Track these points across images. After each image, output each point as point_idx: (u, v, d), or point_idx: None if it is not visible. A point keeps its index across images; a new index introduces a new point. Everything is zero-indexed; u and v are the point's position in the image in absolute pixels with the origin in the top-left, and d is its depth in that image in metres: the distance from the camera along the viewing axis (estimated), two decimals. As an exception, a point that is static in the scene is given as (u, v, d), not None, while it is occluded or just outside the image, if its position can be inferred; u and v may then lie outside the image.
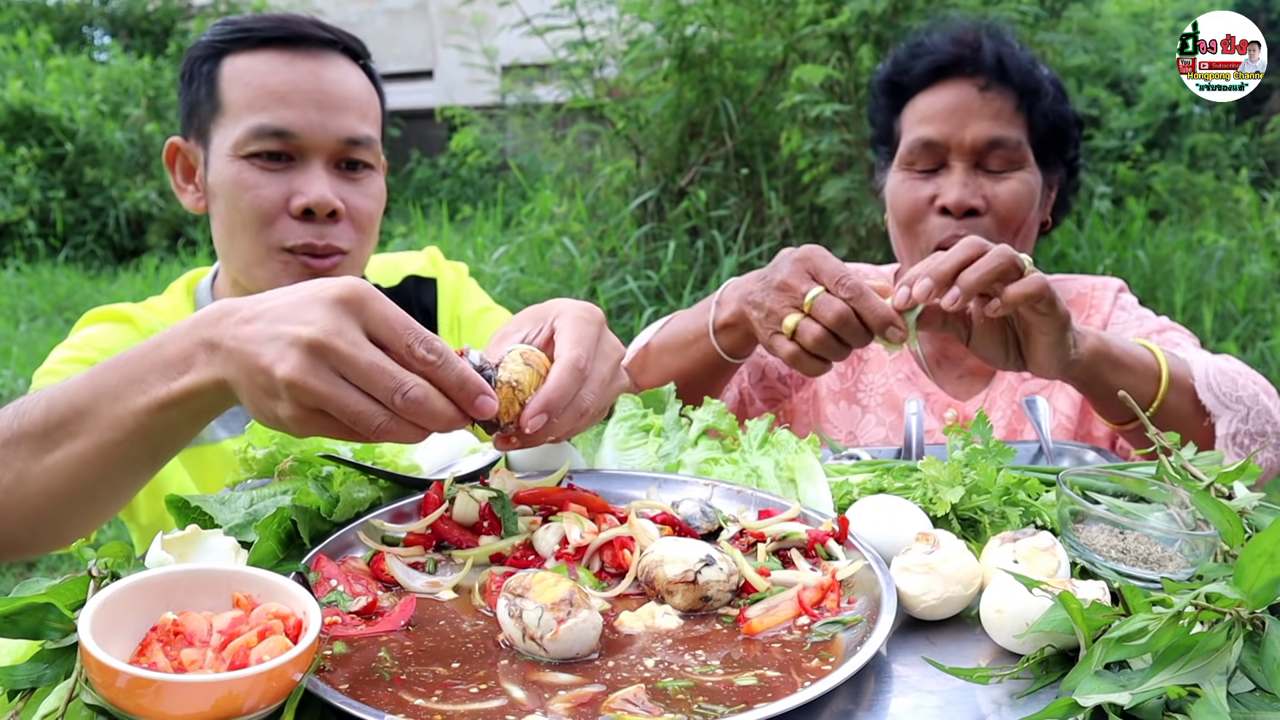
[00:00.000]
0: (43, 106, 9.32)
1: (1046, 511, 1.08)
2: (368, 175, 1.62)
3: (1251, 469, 1.07)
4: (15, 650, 0.85)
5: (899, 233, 1.82)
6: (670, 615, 0.91)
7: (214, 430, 1.60)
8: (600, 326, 1.10)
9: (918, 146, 1.76)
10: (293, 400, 0.89)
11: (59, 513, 1.08)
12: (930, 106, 1.76)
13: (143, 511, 1.57)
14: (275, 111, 1.53)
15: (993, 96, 1.73)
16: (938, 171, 1.76)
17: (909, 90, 1.80)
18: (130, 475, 1.07)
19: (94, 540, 1.12)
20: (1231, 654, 0.75)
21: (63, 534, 1.12)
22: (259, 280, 1.58)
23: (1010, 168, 1.74)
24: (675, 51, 5.38)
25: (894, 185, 1.81)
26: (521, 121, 7.42)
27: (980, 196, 1.72)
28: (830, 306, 1.30)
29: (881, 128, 1.89)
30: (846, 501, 1.12)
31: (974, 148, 1.72)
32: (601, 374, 1.07)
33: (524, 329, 1.11)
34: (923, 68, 1.77)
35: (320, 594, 0.91)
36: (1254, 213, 6.41)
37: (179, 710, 0.72)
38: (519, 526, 1.04)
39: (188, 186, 1.67)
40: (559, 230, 5.90)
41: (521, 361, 1.00)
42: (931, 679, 0.82)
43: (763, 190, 5.49)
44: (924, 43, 1.81)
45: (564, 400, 1.00)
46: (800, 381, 1.90)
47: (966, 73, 1.74)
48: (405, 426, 0.91)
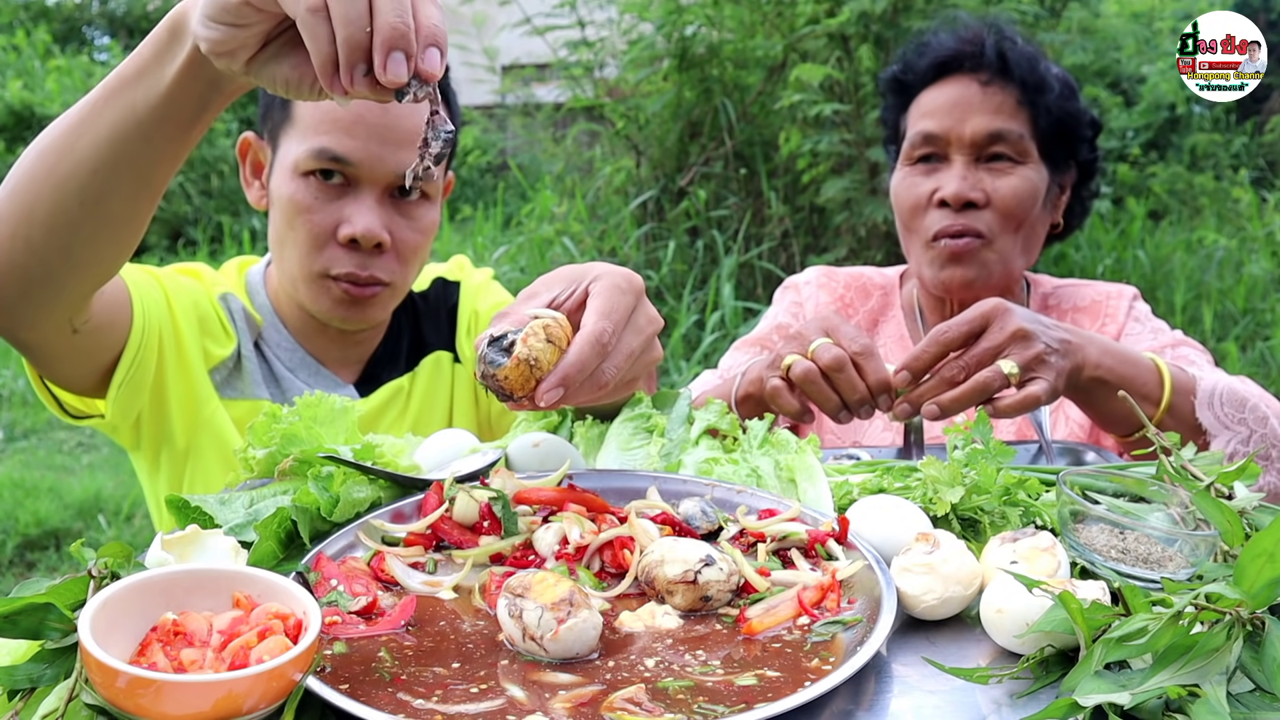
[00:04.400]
0: (43, 106, 9.31)
1: (1046, 511, 1.08)
2: (422, 206, 1.65)
3: (1252, 469, 1.07)
4: (15, 650, 0.85)
5: (902, 228, 1.84)
6: (670, 615, 0.91)
7: (256, 388, 1.68)
8: (637, 296, 1.07)
9: (919, 140, 1.77)
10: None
11: (105, 187, 1.15)
12: (933, 102, 1.78)
13: (179, 429, 1.62)
14: (338, 138, 1.56)
15: (994, 91, 1.74)
16: (938, 166, 1.77)
17: (914, 87, 1.82)
18: (110, 145, 1.12)
19: (94, 540, 1.12)
20: (1231, 654, 0.75)
21: (82, 232, 1.19)
22: (300, 294, 1.66)
23: (1012, 161, 1.74)
24: (675, 51, 5.39)
25: (897, 181, 1.83)
26: (521, 121, 7.42)
27: (980, 190, 1.72)
28: (829, 351, 1.32)
29: (890, 127, 1.91)
30: (846, 501, 1.12)
31: (974, 141, 1.73)
32: (629, 347, 1.04)
33: (555, 289, 1.07)
34: (926, 64, 1.80)
35: (320, 594, 0.91)
36: (1254, 213, 6.41)
37: (179, 710, 0.72)
38: (519, 526, 1.04)
39: (254, 182, 1.72)
40: (559, 230, 5.90)
41: (544, 336, 0.97)
42: (931, 679, 0.82)
43: (763, 190, 5.49)
44: (929, 41, 1.83)
45: (582, 375, 0.98)
46: None
47: (968, 68, 1.76)
48: (321, 24, 0.88)
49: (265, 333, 1.72)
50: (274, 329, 1.72)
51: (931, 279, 1.78)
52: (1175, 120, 7.61)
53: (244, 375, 1.67)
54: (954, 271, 1.75)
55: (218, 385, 1.65)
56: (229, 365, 1.66)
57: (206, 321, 1.65)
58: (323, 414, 1.18)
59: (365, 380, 1.76)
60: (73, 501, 4.62)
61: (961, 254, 1.74)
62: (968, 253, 1.73)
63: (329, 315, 1.65)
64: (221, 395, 1.65)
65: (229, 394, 1.66)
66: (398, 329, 1.82)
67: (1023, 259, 1.80)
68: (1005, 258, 1.76)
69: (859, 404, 1.32)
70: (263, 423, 1.16)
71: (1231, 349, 5.15)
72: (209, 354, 1.64)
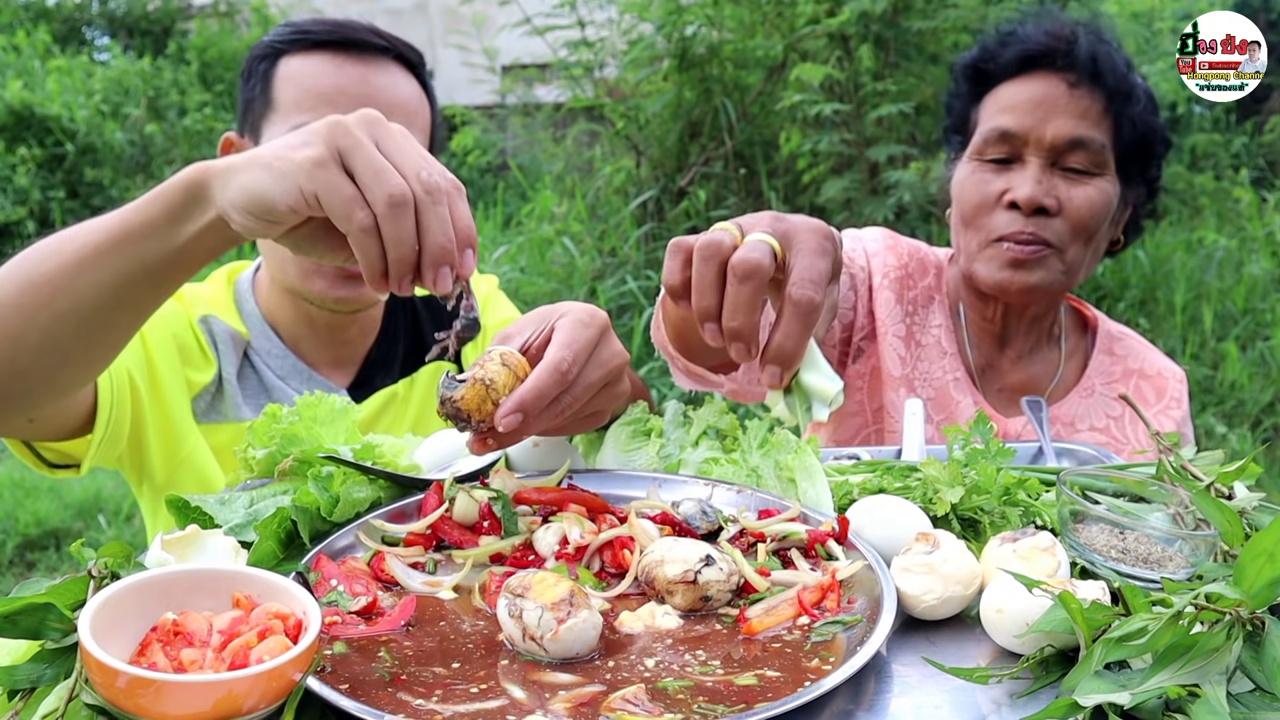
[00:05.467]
0: (43, 106, 9.30)
1: (1046, 511, 1.08)
2: None
3: (1251, 469, 1.07)
4: (15, 650, 0.85)
5: (960, 226, 1.75)
6: (670, 615, 0.91)
7: (239, 410, 1.64)
8: (599, 331, 1.09)
9: (994, 136, 1.68)
10: (326, 141, 0.94)
11: (106, 321, 1.12)
12: (1013, 96, 1.68)
13: (158, 469, 1.60)
14: (321, 112, 1.53)
15: (1081, 94, 1.64)
16: (1011, 166, 1.68)
17: (993, 78, 1.72)
18: (114, 289, 1.09)
19: (94, 540, 1.13)
20: (1231, 654, 0.75)
21: (72, 360, 1.16)
22: (291, 276, 1.62)
23: (1089, 172, 1.65)
24: (675, 51, 5.39)
25: (963, 176, 1.73)
26: (521, 121, 7.42)
27: (1053, 196, 1.64)
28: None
29: (958, 116, 1.81)
30: (846, 501, 1.12)
31: (1053, 145, 1.64)
32: (589, 379, 1.07)
33: (527, 331, 1.10)
34: (1011, 55, 1.69)
35: (320, 594, 0.91)
36: (1254, 213, 6.41)
37: (179, 710, 0.72)
38: (519, 526, 1.04)
39: None
40: (559, 230, 5.90)
41: (500, 362, 1.01)
42: (931, 679, 0.82)
43: (763, 190, 5.49)
44: (1016, 31, 1.72)
45: (540, 401, 1.01)
46: (865, 354, 1.84)
47: (1057, 66, 1.66)
48: (373, 242, 0.94)
49: (254, 342, 1.69)
50: (263, 337, 1.70)
51: (987, 278, 1.70)
52: (1175, 120, 7.60)
53: (225, 399, 1.65)
54: (1014, 275, 1.67)
55: (200, 412, 1.63)
56: (211, 390, 1.64)
57: (186, 350, 1.62)
58: (323, 414, 1.18)
59: (359, 384, 1.74)
60: (73, 501, 4.62)
61: (1026, 260, 1.66)
62: (1034, 260, 1.66)
63: (323, 297, 1.62)
64: (203, 421, 1.63)
65: (211, 419, 1.64)
66: (393, 331, 1.80)
67: (1083, 273, 1.73)
68: (1071, 269, 1.69)
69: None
70: (263, 423, 1.16)
71: (1231, 349, 5.15)
72: (190, 382, 1.62)
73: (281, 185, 0.95)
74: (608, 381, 1.10)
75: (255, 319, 1.70)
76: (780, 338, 0.96)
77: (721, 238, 0.98)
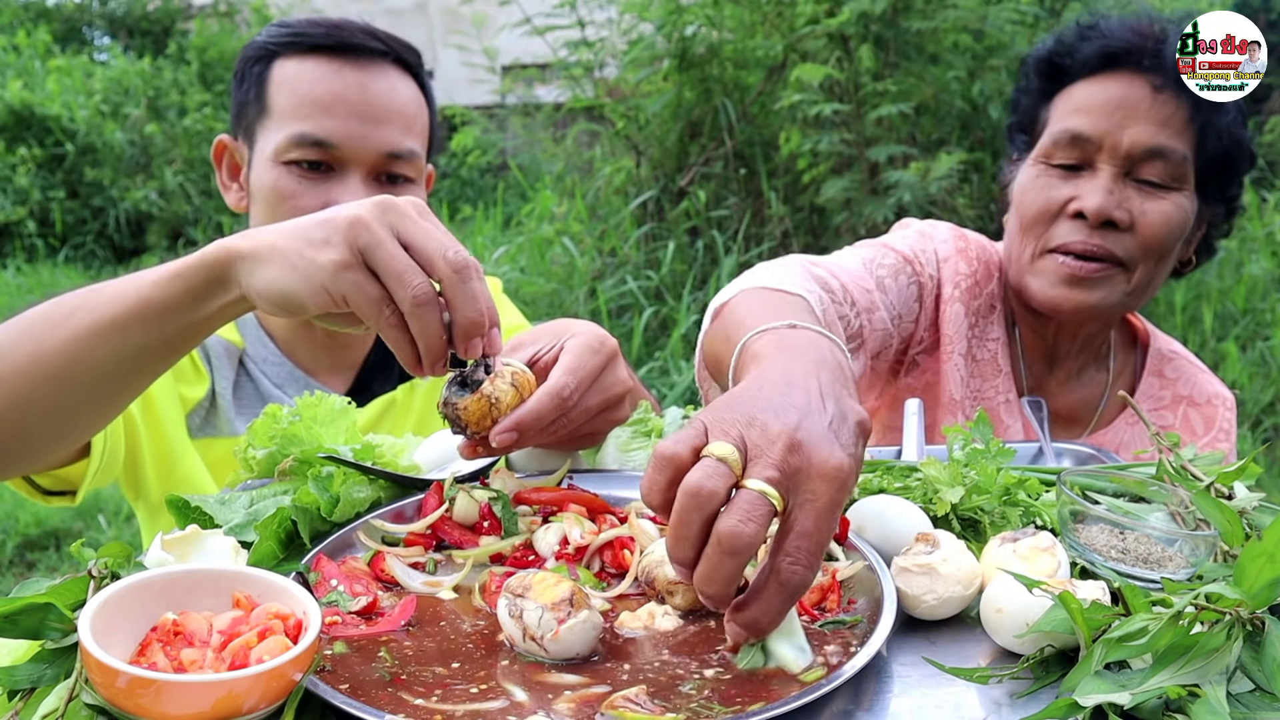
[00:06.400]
0: (43, 106, 9.31)
1: (1046, 511, 1.08)
2: (407, 189, 1.62)
3: (1252, 469, 1.07)
4: (15, 650, 0.85)
5: (1018, 231, 1.60)
6: (671, 615, 0.91)
7: (232, 423, 1.63)
8: (606, 359, 1.11)
9: (1064, 139, 1.53)
10: (347, 241, 0.95)
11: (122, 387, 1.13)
12: (1090, 97, 1.52)
13: (154, 489, 1.58)
14: (318, 120, 1.53)
15: (1165, 100, 1.49)
16: (1080, 173, 1.53)
17: (1070, 74, 1.56)
18: (134, 359, 1.09)
19: (94, 540, 1.13)
20: (1231, 654, 0.75)
21: (81, 423, 1.17)
22: None
23: (1166, 186, 1.50)
24: (675, 51, 5.39)
25: (1026, 180, 1.58)
26: (521, 121, 7.43)
27: (1125, 209, 1.49)
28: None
29: (1025, 113, 1.65)
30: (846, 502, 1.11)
31: (1129, 153, 1.49)
32: (588, 405, 1.09)
33: (539, 343, 1.12)
34: (1091, 51, 1.53)
35: (320, 594, 0.91)
36: (1254, 213, 6.41)
37: (179, 710, 0.72)
38: (519, 526, 1.04)
39: (232, 185, 1.68)
40: (559, 230, 5.90)
41: (510, 380, 1.03)
42: (931, 679, 0.82)
43: (763, 190, 5.49)
44: (1098, 24, 1.56)
45: (537, 424, 1.04)
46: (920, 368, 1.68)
47: (1142, 66, 1.50)
48: (403, 336, 0.98)
49: (250, 350, 1.67)
50: (259, 344, 1.68)
51: (1039, 294, 1.56)
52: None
53: (219, 413, 1.63)
54: (1070, 293, 1.53)
55: (195, 428, 1.61)
56: (205, 405, 1.62)
57: (178, 367, 1.60)
58: (323, 414, 1.18)
59: (357, 390, 1.72)
60: (73, 501, 4.61)
61: (1086, 278, 1.52)
62: (1096, 277, 1.52)
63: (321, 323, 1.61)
64: (197, 436, 1.61)
65: (206, 433, 1.62)
66: None
67: (1149, 295, 1.59)
68: (1136, 290, 1.55)
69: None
70: (263, 423, 1.16)
71: (1231, 349, 5.15)
72: (184, 398, 1.60)
73: (308, 287, 0.97)
74: (606, 407, 1.13)
75: (250, 326, 1.69)
76: (756, 612, 0.78)
77: (716, 487, 0.77)
